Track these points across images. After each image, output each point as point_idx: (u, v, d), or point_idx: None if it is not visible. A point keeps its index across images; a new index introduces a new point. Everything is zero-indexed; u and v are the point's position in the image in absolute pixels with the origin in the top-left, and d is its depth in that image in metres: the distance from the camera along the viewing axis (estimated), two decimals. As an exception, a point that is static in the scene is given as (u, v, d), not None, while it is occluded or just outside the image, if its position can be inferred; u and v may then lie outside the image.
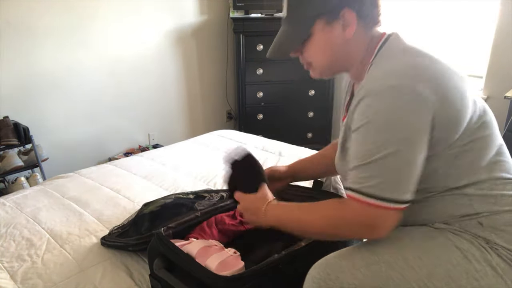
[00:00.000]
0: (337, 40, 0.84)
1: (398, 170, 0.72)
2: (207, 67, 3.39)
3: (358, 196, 0.75)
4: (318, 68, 0.90)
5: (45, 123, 2.55)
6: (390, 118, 0.72)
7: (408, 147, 0.72)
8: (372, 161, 0.73)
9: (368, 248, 0.81)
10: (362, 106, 0.76)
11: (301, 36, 0.85)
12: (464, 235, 0.80)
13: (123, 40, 2.82)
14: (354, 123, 0.78)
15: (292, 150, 2.11)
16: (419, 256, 0.77)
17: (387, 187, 0.72)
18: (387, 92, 0.73)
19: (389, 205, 0.73)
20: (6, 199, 1.59)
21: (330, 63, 0.88)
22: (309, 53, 0.88)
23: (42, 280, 1.10)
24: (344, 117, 0.95)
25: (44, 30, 2.42)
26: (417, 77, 0.73)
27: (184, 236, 1.09)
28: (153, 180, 1.76)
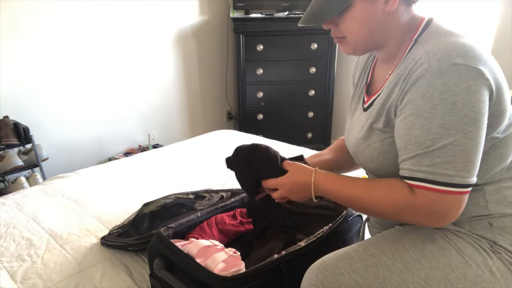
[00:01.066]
0: (378, 13, 0.78)
1: (468, 153, 0.69)
2: (207, 67, 3.39)
3: (429, 185, 0.71)
4: (353, 43, 0.84)
5: (45, 123, 2.55)
6: (456, 99, 0.68)
7: (477, 128, 0.69)
8: (441, 146, 0.69)
9: (366, 249, 0.80)
10: (424, 85, 0.71)
11: (341, 5, 0.78)
12: (467, 238, 0.79)
13: (123, 40, 2.82)
14: (412, 105, 0.72)
15: (292, 150, 2.11)
16: (418, 259, 0.76)
17: (459, 172, 0.69)
18: (452, 70, 0.69)
19: (462, 190, 0.70)
20: (6, 199, 1.59)
21: (367, 37, 0.82)
22: (346, 25, 0.81)
23: (42, 280, 1.10)
24: (367, 100, 0.90)
25: (44, 30, 2.42)
26: (478, 58, 0.70)
27: (184, 236, 1.09)
28: (153, 180, 1.76)
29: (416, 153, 0.72)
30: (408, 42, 0.81)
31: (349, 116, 1.01)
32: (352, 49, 0.86)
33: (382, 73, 0.89)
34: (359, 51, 0.87)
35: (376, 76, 0.93)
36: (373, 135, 0.84)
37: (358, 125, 0.91)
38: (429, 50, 0.73)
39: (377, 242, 0.81)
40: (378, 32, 0.81)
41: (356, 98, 0.99)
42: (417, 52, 0.76)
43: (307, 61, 3.14)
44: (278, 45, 3.09)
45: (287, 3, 3.10)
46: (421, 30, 0.80)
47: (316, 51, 3.09)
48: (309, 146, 2.20)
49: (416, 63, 0.73)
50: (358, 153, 0.90)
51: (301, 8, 3.15)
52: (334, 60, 3.13)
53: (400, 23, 0.81)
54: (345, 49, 0.87)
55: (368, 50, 0.88)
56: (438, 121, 0.69)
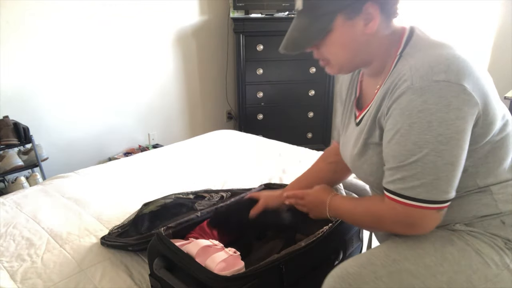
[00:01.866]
0: (358, 36, 0.79)
1: (437, 171, 0.70)
2: (207, 67, 3.39)
3: (395, 197, 0.74)
4: (337, 65, 0.84)
5: (45, 123, 2.55)
6: (434, 117, 0.69)
7: (451, 147, 0.69)
8: (411, 162, 0.71)
9: (388, 254, 0.79)
10: (404, 102, 0.72)
11: (321, 31, 0.79)
12: (483, 238, 0.79)
13: (124, 40, 2.82)
14: (392, 120, 0.75)
15: (292, 150, 2.11)
16: (440, 262, 0.76)
17: (426, 189, 0.71)
18: (433, 87, 0.69)
19: (427, 206, 0.72)
20: (6, 199, 1.59)
21: (350, 59, 0.83)
22: (327, 49, 0.82)
23: (42, 279, 1.09)
24: (359, 115, 0.91)
25: (44, 30, 2.42)
26: (461, 72, 0.70)
27: (184, 236, 1.09)
28: (153, 180, 1.76)
29: (391, 166, 0.75)
30: (394, 57, 0.81)
31: (343, 130, 1.01)
32: (338, 70, 0.87)
33: (371, 87, 0.89)
34: (344, 71, 0.88)
35: (364, 90, 0.93)
36: (369, 149, 0.85)
37: (351, 141, 0.92)
38: (413, 65, 0.73)
39: (397, 247, 0.80)
40: (360, 53, 0.82)
41: (348, 113, 0.99)
42: (402, 66, 0.76)
43: (307, 61, 3.14)
44: (278, 45, 3.05)
45: (287, 3, 3.10)
46: (405, 43, 0.80)
47: (316, 51, 3.09)
48: (309, 146, 2.19)
49: (400, 80, 0.74)
50: (357, 169, 0.91)
51: (301, 8, 3.15)
52: (334, 60, 3.13)
53: (382, 40, 0.81)
54: (331, 70, 0.88)
55: (353, 69, 0.91)
56: (413, 138, 0.71)
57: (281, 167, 1.86)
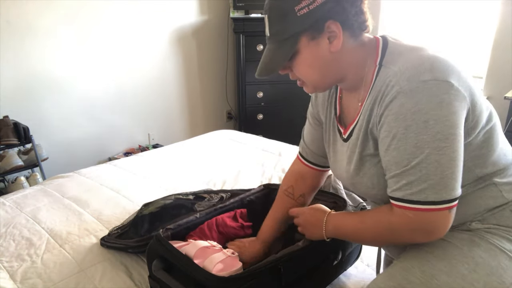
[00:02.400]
0: (325, 54, 0.79)
1: (443, 169, 0.70)
2: (207, 67, 3.39)
3: (404, 204, 0.73)
4: (311, 84, 0.86)
5: (45, 123, 2.55)
6: (429, 117, 0.69)
7: (450, 143, 0.70)
8: (415, 165, 0.70)
9: (423, 271, 0.78)
10: (396, 107, 0.72)
11: (286, 54, 0.81)
12: (500, 233, 0.80)
13: (123, 40, 2.82)
14: (386, 127, 0.74)
15: (292, 150, 2.11)
16: (474, 269, 0.76)
17: (434, 189, 0.70)
18: (422, 88, 0.69)
19: (439, 207, 0.70)
20: (6, 199, 1.59)
21: (321, 77, 0.84)
22: (298, 70, 0.84)
23: (42, 279, 1.10)
24: (345, 131, 0.90)
25: (44, 30, 2.42)
26: (445, 69, 0.71)
27: (183, 237, 1.09)
28: (153, 180, 1.76)
29: (395, 173, 0.74)
30: (373, 67, 0.80)
31: (329, 148, 0.99)
32: (313, 89, 0.87)
33: (352, 101, 0.89)
34: (320, 89, 0.88)
35: (346, 106, 0.92)
36: (366, 162, 0.84)
37: (344, 158, 0.91)
38: (397, 70, 0.73)
39: (429, 260, 0.80)
40: (331, 70, 0.82)
41: (330, 131, 0.98)
42: (386, 75, 0.76)
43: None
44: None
45: (287, 3, 3.09)
46: (381, 52, 0.80)
47: (316, 51, 3.09)
48: (308, 146, 2.19)
49: (388, 86, 0.74)
50: (357, 184, 0.89)
51: (301, 8, 3.15)
52: (334, 60, 3.13)
53: (353, 54, 0.81)
54: (307, 90, 0.89)
55: (328, 87, 0.89)
56: (411, 141, 0.70)
57: (281, 167, 1.86)
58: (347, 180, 0.92)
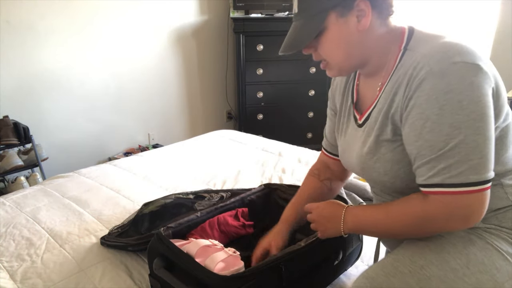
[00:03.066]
0: (353, 33, 0.79)
1: (481, 149, 0.68)
2: (207, 67, 3.39)
3: (443, 189, 0.70)
4: (336, 65, 0.84)
5: (45, 123, 2.55)
6: (462, 97, 0.68)
7: (485, 123, 0.69)
8: (453, 146, 0.68)
9: (414, 260, 0.78)
10: (427, 88, 0.70)
11: (314, 30, 0.80)
12: (500, 234, 0.79)
13: (123, 40, 2.82)
14: (417, 110, 0.72)
15: (292, 150, 2.11)
16: (466, 265, 0.76)
17: (475, 170, 0.68)
18: (452, 69, 0.69)
19: (479, 188, 0.69)
20: (6, 199, 1.59)
21: (346, 57, 0.82)
22: (323, 48, 0.83)
23: (42, 279, 1.10)
24: (361, 116, 0.89)
25: (44, 30, 2.42)
26: (473, 53, 0.70)
27: (183, 236, 1.09)
28: (153, 180, 1.76)
29: (430, 158, 0.71)
30: (397, 52, 0.80)
31: (341, 136, 0.99)
32: (337, 71, 0.86)
33: (371, 88, 0.88)
34: (344, 71, 0.87)
35: (363, 93, 0.92)
36: (382, 147, 0.82)
37: (357, 142, 0.90)
38: (425, 53, 0.73)
39: (421, 252, 0.80)
40: (356, 51, 0.82)
41: (344, 119, 0.98)
42: (411, 58, 0.76)
43: (307, 61, 3.14)
44: (278, 45, 3.04)
45: (287, 3, 3.10)
46: (407, 38, 0.80)
47: (316, 51, 3.09)
48: (309, 146, 2.20)
49: (415, 68, 0.73)
50: (369, 169, 0.87)
51: (301, 8, 3.15)
52: (334, 60, 3.13)
53: (378, 37, 0.81)
54: (330, 73, 0.88)
55: (352, 69, 0.88)
56: (447, 121, 0.69)
57: (281, 167, 1.86)
58: (358, 166, 0.90)
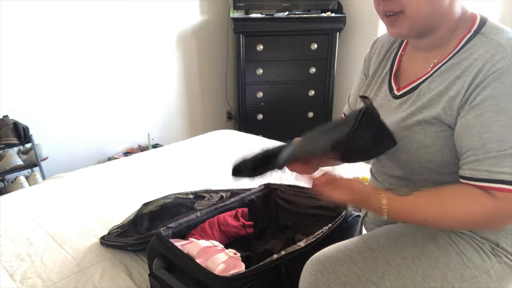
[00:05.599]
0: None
1: None
2: (207, 67, 3.39)
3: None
4: (412, 18, 0.76)
5: (45, 123, 2.55)
6: None
7: None
8: None
9: (366, 243, 0.80)
10: (508, 80, 0.67)
11: None
12: (470, 241, 0.79)
13: (123, 40, 2.82)
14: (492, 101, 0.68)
15: (292, 150, 2.10)
16: (418, 256, 0.77)
17: None
18: None
19: None
20: (6, 199, 1.59)
21: (427, 13, 0.75)
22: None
23: (41, 279, 1.09)
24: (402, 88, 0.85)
25: (44, 30, 2.42)
26: None
27: (183, 236, 1.09)
28: (153, 180, 1.76)
29: (498, 153, 0.68)
30: (465, 32, 0.77)
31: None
32: (407, 29, 0.77)
33: (420, 61, 0.84)
34: (414, 31, 0.78)
35: (408, 65, 0.88)
36: (416, 125, 0.78)
37: (388, 113, 0.85)
38: (504, 44, 0.71)
39: (377, 237, 0.82)
40: (438, 11, 0.75)
41: (375, 85, 0.93)
42: (486, 44, 0.73)
43: (307, 61, 3.14)
44: (278, 45, 3.09)
45: (287, 3, 3.10)
46: (479, 23, 0.77)
47: (316, 51, 3.09)
48: (309, 146, 2.19)
49: (494, 56, 0.70)
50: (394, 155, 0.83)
51: (301, 8, 3.15)
52: (334, 60, 3.13)
53: (456, 9, 0.77)
54: (397, 30, 0.79)
55: (422, 31, 0.79)
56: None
57: (281, 167, 1.85)
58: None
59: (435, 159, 0.77)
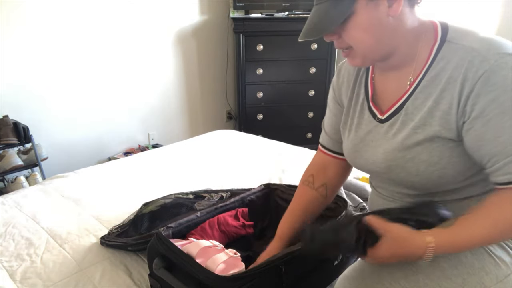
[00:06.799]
0: (382, 17, 0.73)
1: None
2: (207, 67, 3.39)
3: None
4: (361, 52, 0.78)
5: (45, 123, 2.55)
6: None
7: None
8: None
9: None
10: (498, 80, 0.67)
11: (342, 14, 0.73)
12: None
13: (123, 40, 2.82)
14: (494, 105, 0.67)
15: (292, 150, 2.11)
16: (455, 265, 0.76)
17: None
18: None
19: None
20: (6, 199, 1.59)
21: (374, 45, 0.76)
22: (350, 35, 0.76)
23: (41, 279, 1.09)
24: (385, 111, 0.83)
25: (44, 30, 2.42)
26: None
27: (183, 236, 1.09)
28: (153, 180, 1.76)
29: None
30: (431, 42, 0.77)
31: (349, 133, 0.93)
32: (361, 60, 0.80)
33: (395, 81, 0.83)
34: (368, 60, 0.81)
35: (383, 86, 0.87)
36: (418, 146, 0.77)
37: (382, 138, 0.84)
38: (477, 47, 0.70)
39: None
40: (385, 38, 0.76)
41: (355, 114, 0.92)
42: (456, 52, 0.72)
43: (307, 61, 3.14)
44: (278, 45, 3.09)
45: (287, 3, 3.10)
46: (442, 30, 0.77)
47: (316, 51, 3.09)
48: (308, 147, 2.19)
49: (472, 62, 0.69)
50: (398, 168, 0.81)
51: (301, 8, 3.15)
52: (334, 60, 3.13)
53: (408, 26, 0.76)
54: (353, 62, 0.81)
55: (378, 59, 0.81)
56: None
57: (280, 167, 1.85)
58: (384, 163, 0.83)
59: (447, 172, 0.76)
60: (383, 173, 0.86)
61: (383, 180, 0.91)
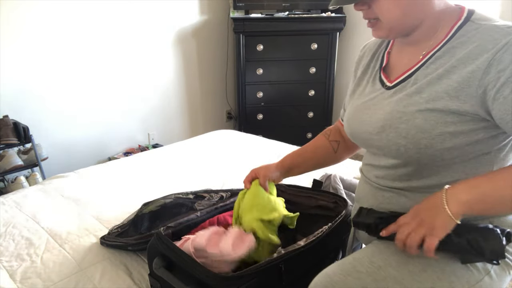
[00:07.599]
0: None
1: None
2: (207, 67, 3.39)
3: None
4: (387, 24, 0.79)
5: (45, 123, 2.55)
6: None
7: None
8: None
9: (373, 261, 0.79)
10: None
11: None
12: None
13: (123, 40, 2.82)
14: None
15: (292, 150, 2.10)
16: (424, 269, 0.76)
17: None
18: None
19: None
20: (6, 199, 1.59)
21: (401, 17, 0.77)
22: (379, 5, 0.77)
23: (41, 279, 1.09)
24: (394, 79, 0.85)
25: (44, 30, 2.42)
26: None
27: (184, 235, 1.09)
28: (153, 180, 1.76)
29: None
30: (453, 21, 0.78)
31: (355, 98, 0.95)
32: (387, 32, 0.81)
33: (408, 55, 0.85)
34: (393, 33, 0.81)
35: (396, 59, 0.89)
36: (417, 112, 0.77)
37: (383, 102, 0.85)
38: (499, 25, 0.72)
39: (381, 253, 0.80)
40: (412, 12, 0.77)
41: (368, 81, 0.93)
42: (480, 29, 0.73)
43: (307, 61, 3.14)
44: (278, 45, 3.09)
45: (287, 3, 3.10)
46: (468, 13, 0.78)
47: (316, 51, 3.09)
48: (309, 146, 2.19)
49: (492, 36, 0.71)
50: (390, 128, 0.80)
51: (301, 8, 3.15)
52: (334, 60, 3.13)
53: (435, 4, 0.77)
54: (378, 33, 0.82)
55: (402, 31, 0.82)
56: None
57: (281, 167, 1.85)
58: (376, 123, 0.84)
59: (434, 145, 0.75)
60: (374, 135, 0.85)
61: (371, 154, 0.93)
